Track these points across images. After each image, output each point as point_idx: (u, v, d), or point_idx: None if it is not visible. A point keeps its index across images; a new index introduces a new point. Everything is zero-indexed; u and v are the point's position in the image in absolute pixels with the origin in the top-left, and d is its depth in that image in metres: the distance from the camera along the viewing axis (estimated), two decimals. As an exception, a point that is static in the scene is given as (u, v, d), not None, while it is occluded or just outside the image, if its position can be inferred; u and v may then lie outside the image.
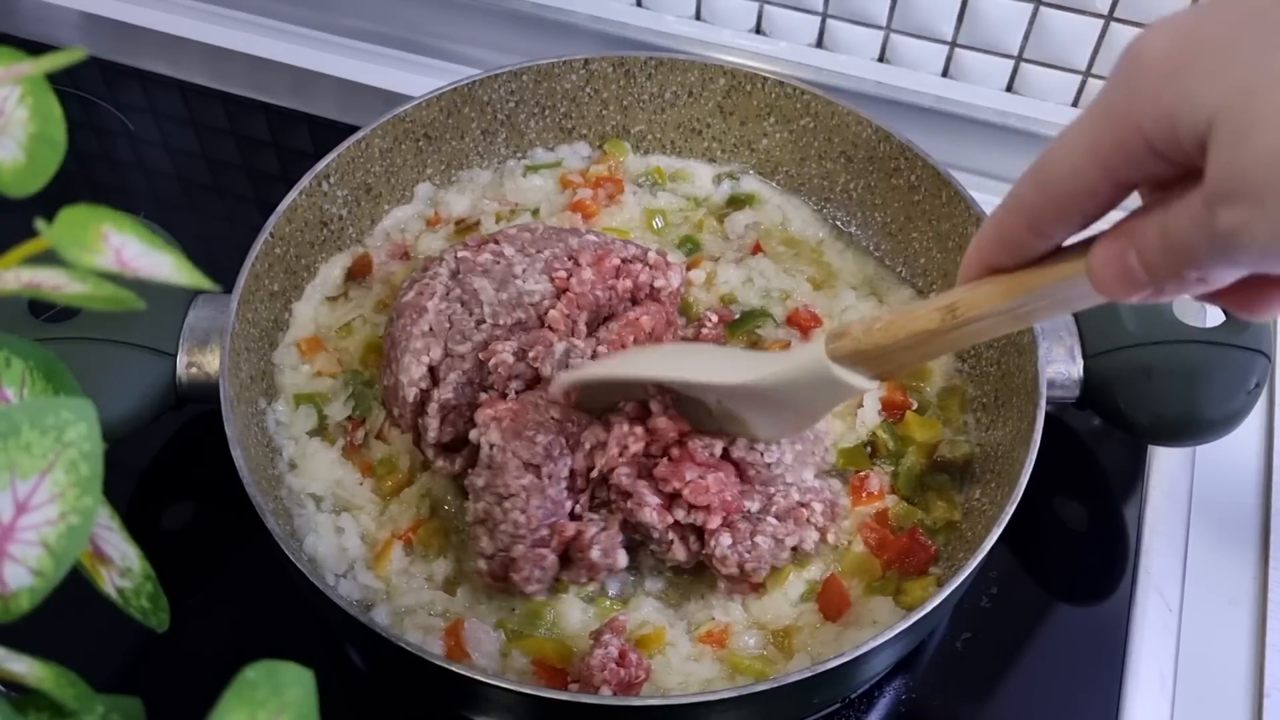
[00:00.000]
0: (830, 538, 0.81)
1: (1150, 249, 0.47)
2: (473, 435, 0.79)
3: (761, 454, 0.79)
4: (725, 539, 0.77)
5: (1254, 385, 0.84)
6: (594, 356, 0.83)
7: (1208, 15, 0.44)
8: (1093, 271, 0.49)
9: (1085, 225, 0.50)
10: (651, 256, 0.90)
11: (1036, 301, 0.53)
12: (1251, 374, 0.84)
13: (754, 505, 0.79)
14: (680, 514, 0.77)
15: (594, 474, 0.78)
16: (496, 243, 0.89)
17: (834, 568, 0.81)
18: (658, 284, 0.89)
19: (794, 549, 0.80)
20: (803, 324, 0.93)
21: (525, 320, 0.85)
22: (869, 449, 0.87)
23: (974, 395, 0.90)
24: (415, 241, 1.01)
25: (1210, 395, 0.84)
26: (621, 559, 0.77)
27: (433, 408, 0.81)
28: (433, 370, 0.82)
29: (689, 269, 0.97)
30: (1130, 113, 0.45)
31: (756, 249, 0.99)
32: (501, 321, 0.84)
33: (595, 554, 0.76)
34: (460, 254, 0.88)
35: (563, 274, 0.86)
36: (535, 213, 1.02)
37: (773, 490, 0.80)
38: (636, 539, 0.80)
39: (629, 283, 0.87)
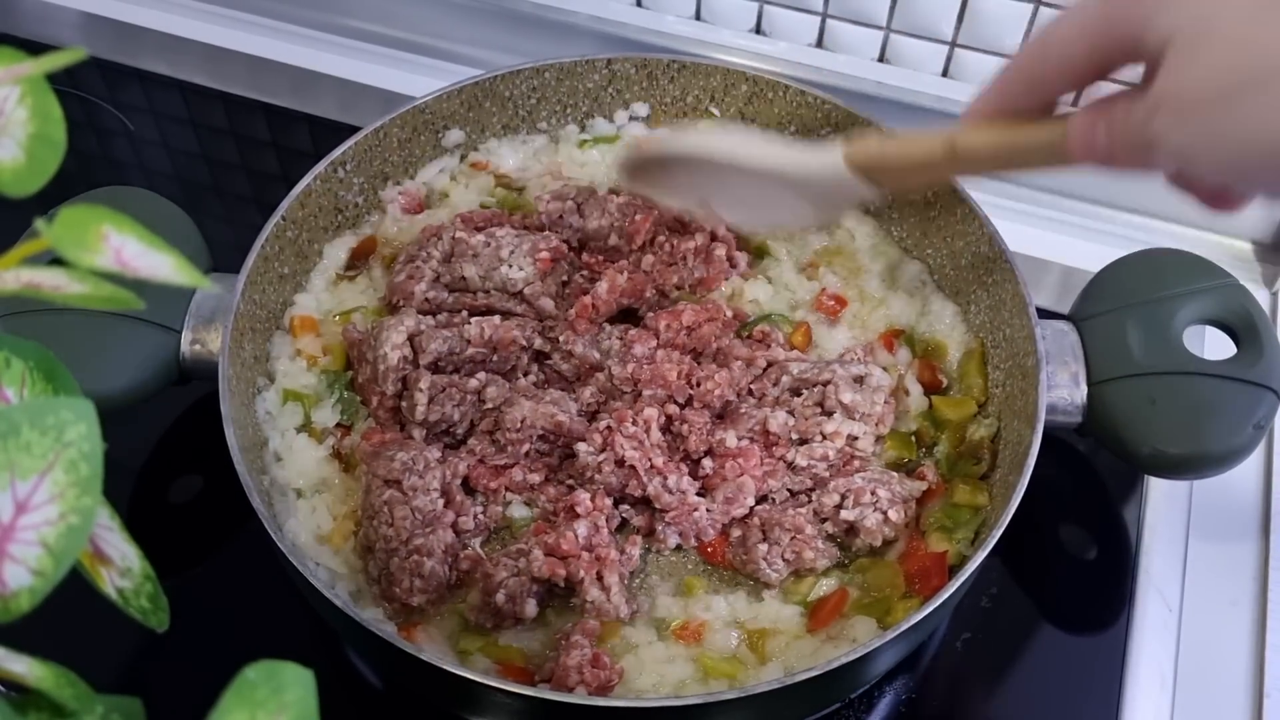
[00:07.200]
0: (894, 515, 0.80)
1: (1114, 129, 0.55)
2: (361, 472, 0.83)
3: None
4: (759, 547, 0.80)
5: (1260, 422, 0.82)
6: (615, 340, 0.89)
7: None
8: (1069, 136, 0.58)
9: (1072, 89, 0.58)
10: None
11: (1022, 151, 0.62)
12: (1257, 410, 0.82)
13: (795, 483, 0.83)
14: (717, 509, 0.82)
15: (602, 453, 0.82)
16: (497, 225, 0.93)
17: (855, 579, 0.81)
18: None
19: (849, 529, 0.80)
20: (829, 310, 0.94)
21: (509, 303, 0.90)
22: (914, 438, 0.88)
23: (991, 353, 0.90)
24: (447, 188, 1.02)
25: (1213, 430, 0.81)
26: (530, 609, 0.77)
27: (424, 380, 0.83)
28: (412, 340, 0.85)
29: (747, 277, 0.96)
30: (1115, 9, 0.53)
31: (811, 264, 0.98)
32: (481, 302, 0.90)
33: (500, 598, 0.76)
34: (458, 234, 0.92)
35: (545, 255, 0.90)
36: None
37: (826, 471, 0.83)
38: (558, 591, 0.79)
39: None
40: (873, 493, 0.80)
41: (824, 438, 0.84)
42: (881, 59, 1.17)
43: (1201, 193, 0.60)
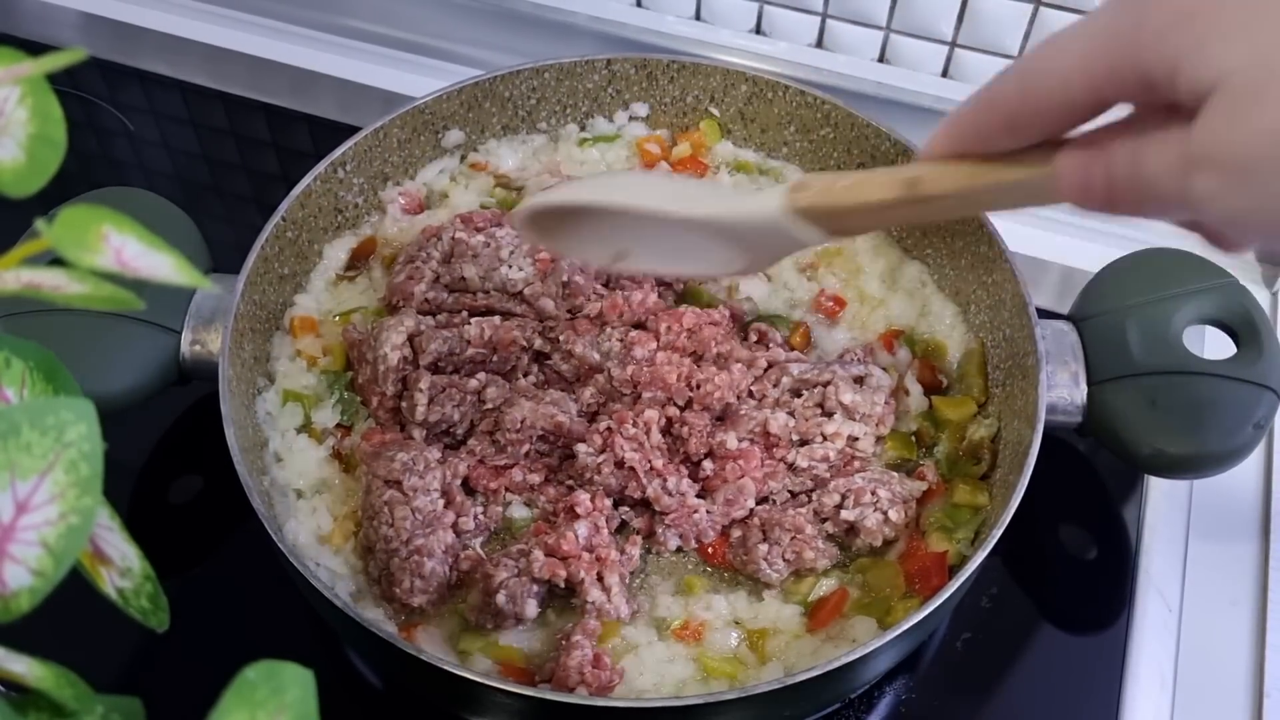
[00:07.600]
0: (894, 515, 0.80)
1: (1118, 173, 0.46)
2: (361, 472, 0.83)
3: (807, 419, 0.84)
4: (762, 548, 0.79)
5: (1260, 421, 0.81)
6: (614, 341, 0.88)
7: None
8: (1059, 175, 0.49)
9: (1060, 133, 0.49)
10: None
11: (997, 192, 0.53)
12: (1257, 410, 0.81)
13: (796, 484, 0.83)
14: (717, 511, 0.82)
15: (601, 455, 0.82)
16: (497, 225, 0.93)
17: (855, 579, 0.81)
18: None
19: (849, 529, 0.80)
20: (828, 311, 0.94)
21: (509, 304, 0.90)
22: (914, 438, 0.88)
23: (991, 353, 0.89)
24: (447, 188, 1.02)
25: (1213, 430, 0.81)
26: (530, 609, 0.77)
27: (424, 381, 0.84)
28: (412, 340, 0.85)
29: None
30: (1133, 42, 0.43)
31: (811, 265, 0.97)
32: (481, 302, 0.90)
33: (501, 599, 0.76)
34: (457, 234, 0.92)
35: (545, 255, 0.91)
36: None
37: (826, 471, 0.83)
38: (558, 592, 0.79)
39: None
40: (873, 493, 0.80)
41: (824, 438, 0.84)
42: (881, 59, 1.17)
43: (1214, 236, 0.51)
